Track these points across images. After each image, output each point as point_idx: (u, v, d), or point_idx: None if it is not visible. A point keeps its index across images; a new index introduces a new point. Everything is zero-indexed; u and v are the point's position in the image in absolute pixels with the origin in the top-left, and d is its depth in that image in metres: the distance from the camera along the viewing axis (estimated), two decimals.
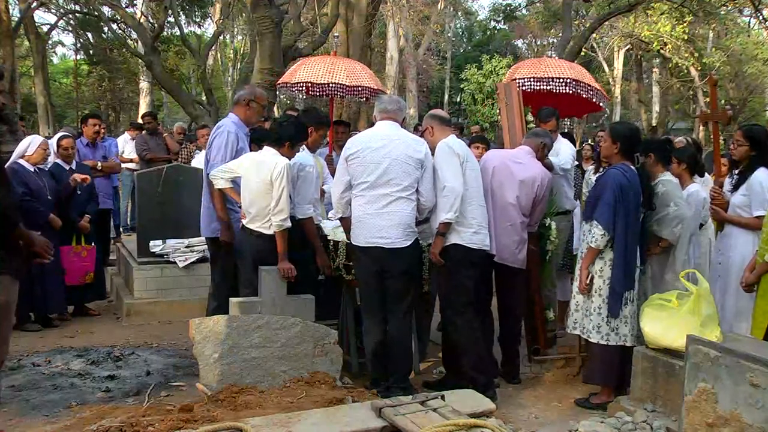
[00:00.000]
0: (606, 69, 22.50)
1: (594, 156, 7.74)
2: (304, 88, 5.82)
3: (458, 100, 31.98)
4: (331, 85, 5.61)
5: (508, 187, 3.89)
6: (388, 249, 3.53)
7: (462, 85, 29.92)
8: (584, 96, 5.12)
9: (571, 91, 5.01)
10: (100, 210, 5.75)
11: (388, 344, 3.63)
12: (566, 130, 5.05)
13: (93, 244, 5.36)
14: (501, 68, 24.16)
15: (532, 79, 4.91)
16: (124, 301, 5.44)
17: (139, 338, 4.86)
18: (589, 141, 9.14)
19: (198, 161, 7.06)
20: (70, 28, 21.04)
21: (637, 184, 3.60)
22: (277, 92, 6.58)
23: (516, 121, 4.59)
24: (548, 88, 4.97)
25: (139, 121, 9.99)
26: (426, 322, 4.50)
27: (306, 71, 5.80)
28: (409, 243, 3.57)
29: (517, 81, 4.88)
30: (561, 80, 4.95)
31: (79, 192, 5.29)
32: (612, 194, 3.54)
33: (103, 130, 6.40)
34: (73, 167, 5.40)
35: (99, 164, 6.21)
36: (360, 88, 5.69)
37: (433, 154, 3.67)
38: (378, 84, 5.87)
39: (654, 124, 20.75)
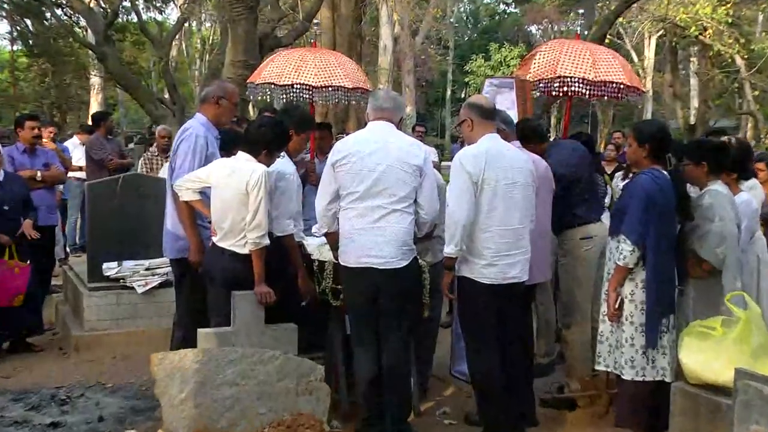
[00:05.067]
0: (635, 59, 22.73)
1: (619, 159, 7.86)
2: (267, 90, 5.87)
3: (462, 95, 32.22)
4: (295, 86, 5.63)
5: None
6: (382, 270, 3.57)
7: (467, 79, 30.20)
8: (610, 97, 5.26)
9: (589, 93, 5.14)
10: (40, 227, 5.75)
11: (384, 380, 3.66)
12: (584, 139, 5.15)
13: (29, 262, 5.35)
14: (512, 59, 24.39)
15: (580, 81, 5.06)
16: (72, 333, 5.44)
17: (91, 377, 4.86)
18: (613, 142, 9.28)
19: (165, 170, 7.08)
20: (4, 14, 21.04)
21: (670, 191, 3.65)
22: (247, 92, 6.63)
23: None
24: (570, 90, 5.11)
25: (89, 122, 10.05)
26: (428, 354, 4.53)
27: (271, 70, 5.84)
28: (406, 262, 3.62)
29: (563, 79, 5.07)
30: (582, 81, 5.07)
31: (6, 208, 5.27)
32: (641, 204, 3.59)
33: (53, 134, 6.43)
34: (0, 179, 5.35)
35: (38, 173, 6.20)
36: (330, 89, 5.69)
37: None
38: (356, 81, 5.81)
39: (692, 123, 20.90)
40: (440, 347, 4.87)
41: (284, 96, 5.80)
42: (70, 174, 8.30)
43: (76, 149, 9.18)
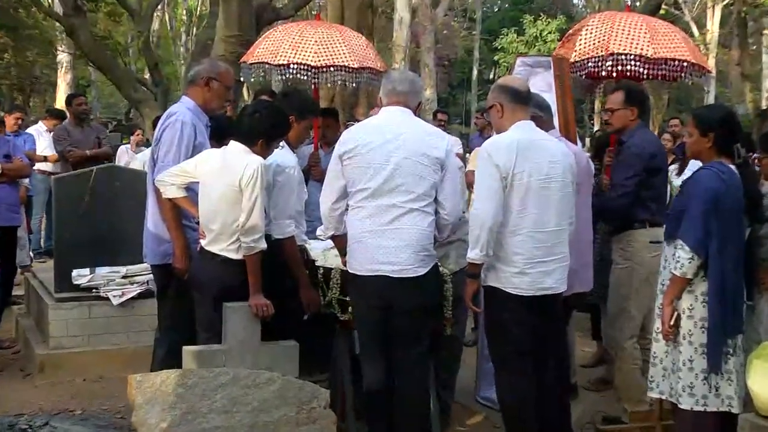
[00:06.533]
0: (695, 32, 22.61)
1: (676, 151, 7.83)
2: (262, 71, 5.90)
3: (491, 76, 32.18)
4: (292, 66, 5.68)
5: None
6: (396, 279, 3.59)
7: (496, 57, 30.16)
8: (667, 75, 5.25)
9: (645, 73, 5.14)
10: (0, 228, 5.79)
11: (397, 407, 3.68)
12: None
13: None
14: (549, 33, 24.29)
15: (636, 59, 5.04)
16: (35, 351, 5.47)
17: (57, 402, 4.89)
18: (669, 131, 9.24)
19: (138, 162, 7.13)
20: None
21: (737, 188, 3.63)
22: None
23: (568, 104, 4.82)
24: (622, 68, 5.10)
25: (58, 105, 10.16)
26: (450, 377, 4.55)
27: (266, 47, 5.88)
28: (424, 270, 3.63)
29: (616, 57, 5.07)
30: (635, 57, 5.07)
31: None
32: (702, 204, 3.57)
33: (20, 120, 6.49)
34: None
35: None
36: (332, 69, 5.72)
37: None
38: (363, 59, 5.84)
39: (764, 107, 20.74)
40: (464, 369, 4.88)
41: (281, 77, 5.83)
42: (35, 166, 8.38)
43: (41, 137, 9.27)
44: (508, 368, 3.75)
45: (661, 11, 15.14)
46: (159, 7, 20.94)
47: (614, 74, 5.15)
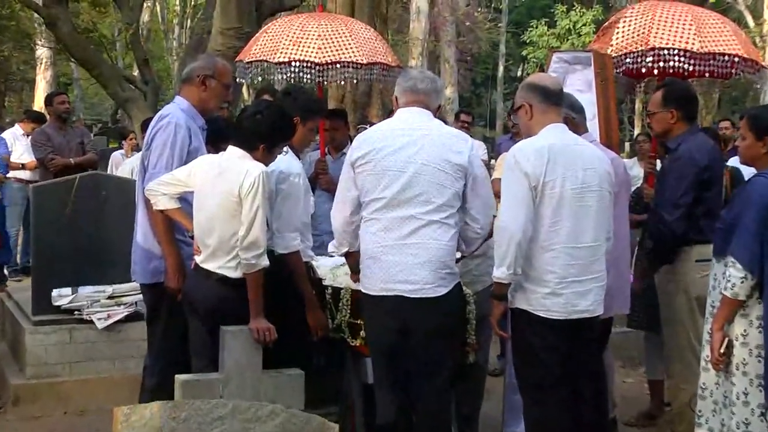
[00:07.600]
0: (750, 23, 22.52)
1: (726, 157, 7.82)
2: (260, 70, 5.95)
3: (519, 73, 32.23)
4: (294, 64, 5.72)
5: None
6: (413, 299, 3.60)
7: (525, 52, 30.19)
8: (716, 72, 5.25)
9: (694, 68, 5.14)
10: None
11: None
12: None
13: None
14: (583, 25, 24.20)
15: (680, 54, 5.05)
16: (9, 381, 5.49)
17: None
18: (720, 134, 9.20)
19: (126, 169, 7.17)
20: None
21: None
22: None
23: (611, 105, 4.82)
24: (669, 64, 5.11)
25: (37, 105, 10.24)
26: (473, 410, 4.55)
27: (264, 43, 5.93)
28: (445, 290, 3.64)
29: (658, 51, 5.08)
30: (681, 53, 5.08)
31: None
32: (757, 216, 3.56)
33: None
34: None
35: None
36: (339, 66, 5.76)
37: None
38: (372, 54, 5.87)
39: None
40: (489, 401, 4.89)
41: (282, 76, 5.87)
42: (11, 174, 8.46)
43: (17, 141, 9.34)
44: (537, 399, 3.74)
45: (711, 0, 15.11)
46: None
47: (655, 71, 5.14)
